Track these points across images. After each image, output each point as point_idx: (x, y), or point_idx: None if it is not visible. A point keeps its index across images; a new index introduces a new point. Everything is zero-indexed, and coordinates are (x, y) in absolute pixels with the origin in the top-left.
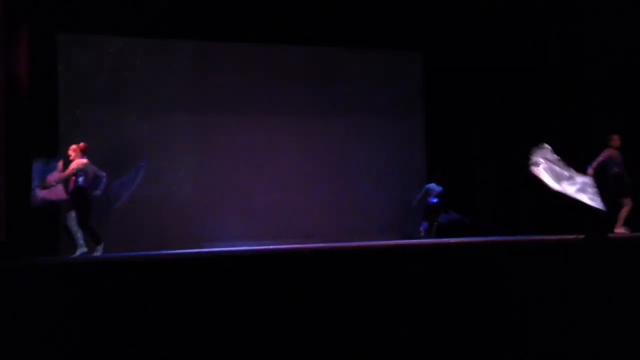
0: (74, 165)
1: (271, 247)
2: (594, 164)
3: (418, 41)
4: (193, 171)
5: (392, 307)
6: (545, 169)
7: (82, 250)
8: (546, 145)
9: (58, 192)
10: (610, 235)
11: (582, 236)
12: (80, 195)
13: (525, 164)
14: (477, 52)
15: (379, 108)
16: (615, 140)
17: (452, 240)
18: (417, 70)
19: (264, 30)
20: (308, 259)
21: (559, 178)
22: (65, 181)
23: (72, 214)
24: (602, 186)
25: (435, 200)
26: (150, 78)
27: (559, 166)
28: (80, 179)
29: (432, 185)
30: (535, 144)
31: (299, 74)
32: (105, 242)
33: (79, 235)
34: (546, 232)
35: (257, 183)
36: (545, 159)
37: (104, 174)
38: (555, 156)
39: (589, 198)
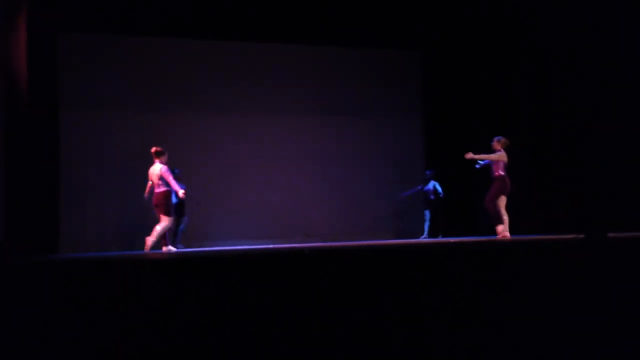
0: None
1: (271, 246)
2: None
3: (417, 41)
4: (193, 170)
5: (391, 307)
6: None
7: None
8: None
9: None
10: (610, 234)
11: (581, 236)
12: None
13: (523, 162)
14: (476, 52)
15: (379, 108)
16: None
17: (451, 239)
18: (417, 70)
19: (265, 30)
20: (308, 258)
21: None
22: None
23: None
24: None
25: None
26: (149, 78)
27: None
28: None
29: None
30: (534, 143)
31: (299, 74)
32: (106, 242)
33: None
34: (546, 232)
35: (257, 182)
36: None
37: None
38: None
39: None
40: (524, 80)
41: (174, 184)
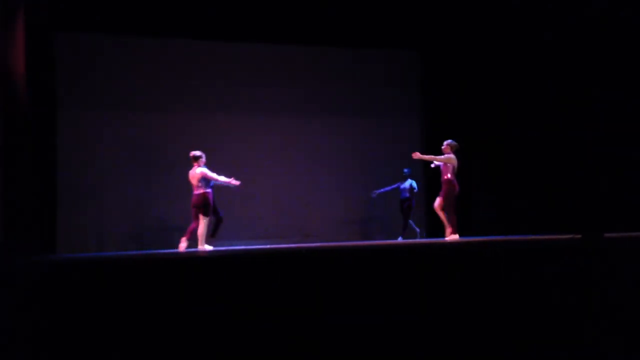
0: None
1: (268, 246)
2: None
3: (416, 41)
4: None
5: (390, 308)
6: None
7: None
8: None
9: None
10: (607, 235)
11: (578, 236)
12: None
13: (522, 163)
14: (475, 52)
15: (379, 108)
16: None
17: (448, 239)
18: (416, 70)
19: (264, 30)
20: (305, 258)
21: None
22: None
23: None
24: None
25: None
26: (149, 78)
27: None
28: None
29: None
30: (533, 143)
31: (298, 74)
32: (106, 242)
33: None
34: (543, 232)
35: (256, 183)
36: None
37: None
38: None
39: None
40: (523, 80)
41: (223, 179)
